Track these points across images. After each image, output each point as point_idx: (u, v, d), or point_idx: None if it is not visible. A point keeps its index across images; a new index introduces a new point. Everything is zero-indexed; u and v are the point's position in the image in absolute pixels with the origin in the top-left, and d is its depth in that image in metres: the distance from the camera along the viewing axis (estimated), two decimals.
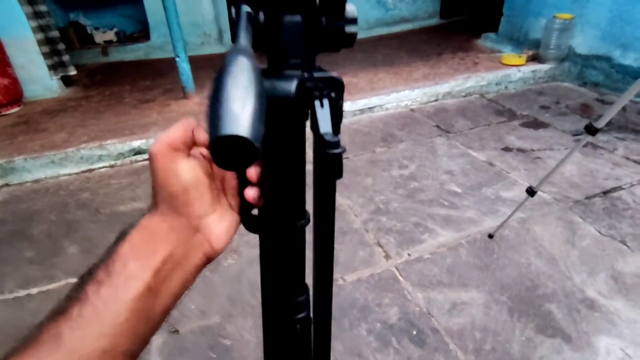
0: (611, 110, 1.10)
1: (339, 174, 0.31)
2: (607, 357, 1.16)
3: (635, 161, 2.10)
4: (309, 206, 0.39)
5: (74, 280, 1.53)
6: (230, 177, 0.35)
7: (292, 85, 0.31)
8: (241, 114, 0.18)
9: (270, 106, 0.28)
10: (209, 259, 0.33)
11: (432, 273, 1.49)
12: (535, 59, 3.26)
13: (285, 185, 0.36)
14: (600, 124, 1.11)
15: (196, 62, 3.33)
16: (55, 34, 3.07)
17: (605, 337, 1.21)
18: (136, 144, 2.36)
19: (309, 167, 0.35)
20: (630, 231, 1.62)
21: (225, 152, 0.18)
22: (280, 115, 0.32)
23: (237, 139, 0.18)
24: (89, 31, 4.16)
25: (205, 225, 0.32)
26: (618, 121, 2.48)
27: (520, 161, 2.17)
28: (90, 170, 2.32)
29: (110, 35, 4.15)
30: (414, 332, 1.27)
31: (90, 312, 0.27)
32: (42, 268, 1.61)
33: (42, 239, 1.79)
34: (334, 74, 0.34)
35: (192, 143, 0.32)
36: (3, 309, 1.43)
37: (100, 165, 2.34)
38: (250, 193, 0.34)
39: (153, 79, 3.44)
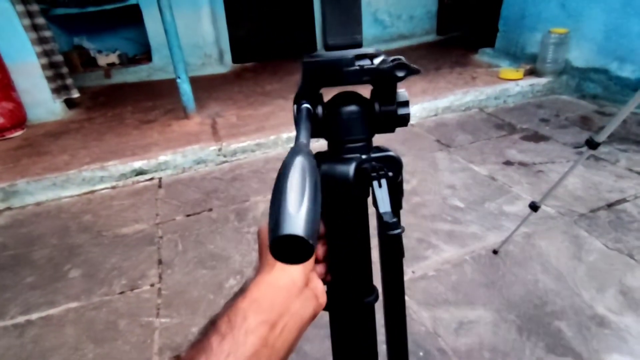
0: (611, 124, 1.10)
1: (400, 253, 0.35)
2: None
3: (638, 173, 2.09)
4: (377, 281, 0.40)
5: (75, 305, 1.52)
6: None
7: (350, 169, 0.34)
8: (296, 215, 0.21)
9: (331, 188, 0.33)
10: (315, 313, 0.35)
11: (438, 291, 1.46)
12: (532, 73, 3.29)
13: (350, 262, 0.38)
14: (601, 137, 1.11)
15: (197, 83, 3.37)
16: (58, 58, 3.13)
17: (617, 355, 1.18)
18: (137, 164, 2.37)
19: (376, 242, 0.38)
20: (637, 244, 1.59)
21: (284, 249, 0.21)
22: (342, 196, 0.35)
23: (293, 238, 0.20)
24: (92, 54, 4.24)
25: (312, 278, 0.35)
26: (619, 133, 2.48)
27: (522, 175, 2.16)
28: (92, 192, 2.33)
29: (113, 58, 4.22)
30: (421, 354, 1.24)
31: None
32: (43, 293, 1.60)
33: (43, 263, 1.78)
34: (392, 153, 0.36)
35: None
36: (3, 335, 1.41)
37: (102, 186, 2.35)
38: (317, 269, 0.37)
39: (155, 99, 3.49)
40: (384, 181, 0.34)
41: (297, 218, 0.21)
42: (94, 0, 3.76)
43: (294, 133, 0.34)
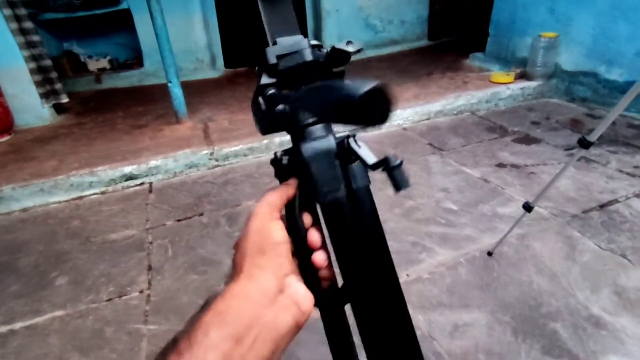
0: (603, 124, 1.10)
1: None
2: None
3: (628, 174, 2.10)
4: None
5: (60, 313, 1.48)
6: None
7: (331, 141, 0.37)
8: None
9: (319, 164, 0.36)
10: (298, 324, 0.31)
11: (432, 294, 1.44)
12: (523, 76, 3.32)
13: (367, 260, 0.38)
14: (593, 137, 1.11)
15: (189, 88, 3.35)
16: (47, 62, 3.09)
17: (613, 356, 1.17)
18: (128, 169, 2.33)
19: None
20: (630, 244, 1.60)
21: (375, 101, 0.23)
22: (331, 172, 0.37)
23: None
24: (82, 59, 4.19)
25: (290, 284, 0.32)
26: (609, 135, 2.51)
27: (515, 177, 2.17)
28: (80, 198, 2.28)
29: (104, 63, 4.18)
30: None
31: None
32: (28, 302, 1.55)
33: (29, 271, 1.73)
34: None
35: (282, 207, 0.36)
36: None
37: (91, 192, 2.30)
38: (319, 256, 0.35)
39: (146, 104, 3.45)
40: (361, 142, 0.37)
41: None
42: (83, 4, 3.73)
43: (286, 137, 0.36)
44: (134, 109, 3.37)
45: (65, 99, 3.22)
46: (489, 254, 1.59)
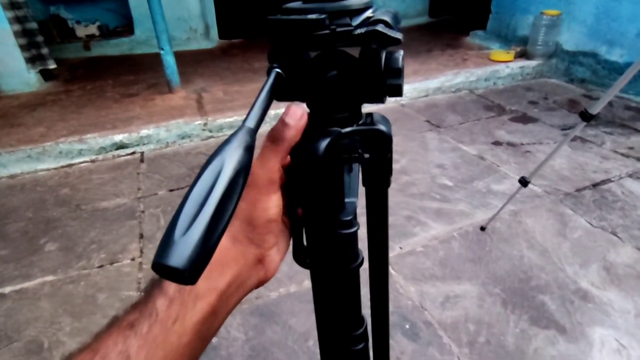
0: (606, 97, 1.08)
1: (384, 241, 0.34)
2: (601, 347, 1.14)
3: (623, 154, 2.11)
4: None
5: (51, 278, 1.46)
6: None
7: (321, 144, 0.30)
8: (178, 241, 0.18)
9: (301, 163, 0.30)
10: (260, 284, 0.34)
11: (425, 266, 1.46)
12: (523, 55, 3.28)
13: (332, 241, 0.35)
14: (595, 110, 1.09)
15: (182, 58, 3.25)
16: (33, 25, 2.95)
17: (599, 328, 1.20)
18: (118, 137, 2.28)
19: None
20: (621, 222, 1.61)
21: (164, 272, 0.18)
22: (313, 175, 0.31)
23: (170, 267, 0.18)
24: (70, 25, 4.02)
25: (269, 255, 0.33)
26: (605, 116, 2.50)
27: (511, 155, 2.16)
28: (70, 165, 2.23)
29: (93, 29, 4.02)
30: (407, 326, 1.23)
31: (159, 332, 0.26)
32: (17, 267, 1.53)
33: (17, 237, 1.70)
34: (380, 126, 0.31)
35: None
36: None
37: (81, 160, 2.25)
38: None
39: (137, 73, 3.35)
40: (356, 166, 0.31)
41: (179, 245, 0.18)
42: None
43: (281, 110, 0.30)
44: (125, 77, 3.27)
45: (52, 65, 3.10)
46: (482, 229, 1.60)
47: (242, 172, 0.21)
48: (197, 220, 0.19)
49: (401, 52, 0.29)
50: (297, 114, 0.29)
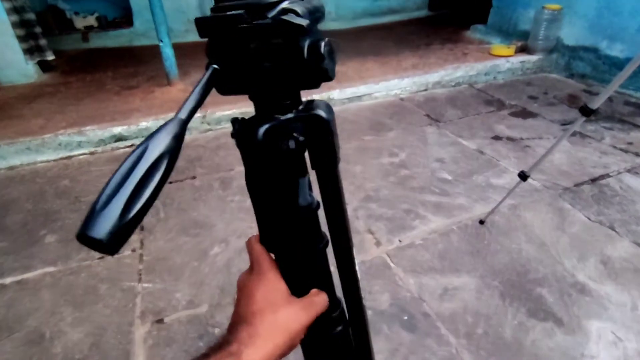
0: (606, 91, 1.08)
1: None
2: (598, 340, 1.15)
3: (622, 150, 2.12)
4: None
5: (51, 269, 1.47)
6: None
7: (259, 130, 0.32)
8: (99, 213, 0.21)
9: (245, 151, 0.33)
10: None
11: (424, 259, 1.46)
12: (523, 50, 3.27)
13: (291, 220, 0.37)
14: (595, 104, 1.09)
15: (180, 50, 3.22)
16: (30, 16, 2.93)
17: (596, 321, 1.21)
18: (117, 130, 2.27)
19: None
20: (619, 217, 1.62)
21: (89, 243, 0.20)
22: (253, 160, 0.34)
23: (91, 238, 0.20)
24: (68, 16, 3.99)
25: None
26: (605, 111, 2.51)
27: (510, 149, 2.17)
28: (69, 157, 2.23)
29: (91, 21, 3.99)
30: (405, 318, 1.24)
31: None
32: (17, 258, 1.53)
33: (17, 228, 1.70)
34: (318, 111, 0.33)
35: None
36: None
37: (80, 152, 2.25)
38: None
39: (136, 65, 3.33)
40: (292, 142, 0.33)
41: (99, 218, 0.20)
42: None
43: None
44: (124, 69, 3.25)
45: (50, 56, 3.08)
46: (481, 222, 1.61)
47: (166, 156, 0.23)
48: (117, 197, 0.21)
49: (325, 39, 0.31)
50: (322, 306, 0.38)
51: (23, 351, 1.17)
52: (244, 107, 2.51)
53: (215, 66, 0.30)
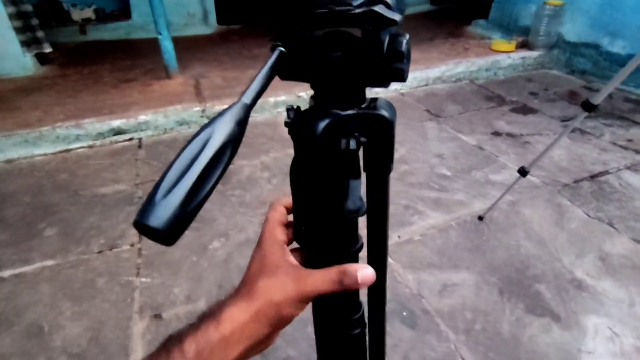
0: (608, 87, 1.08)
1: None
2: (595, 336, 1.16)
3: (621, 146, 2.12)
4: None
5: (50, 263, 1.46)
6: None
7: (320, 125, 0.30)
8: (159, 202, 0.20)
9: (300, 144, 0.31)
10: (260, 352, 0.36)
11: (423, 255, 1.47)
12: (524, 45, 3.25)
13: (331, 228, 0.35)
14: (597, 100, 1.09)
15: (180, 43, 3.20)
16: (28, 8, 2.89)
17: (593, 317, 1.22)
18: (116, 123, 2.26)
19: None
20: (617, 213, 1.63)
21: (144, 231, 0.20)
22: (310, 156, 0.31)
23: (149, 227, 0.19)
24: (65, 8, 3.94)
25: (277, 335, 0.36)
26: (605, 108, 2.50)
27: (510, 145, 2.16)
28: (67, 151, 2.21)
29: (89, 13, 3.95)
30: (405, 314, 1.25)
31: None
32: (16, 251, 1.53)
33: (16, 221, 1.70)
34: (382, 112, 0.31)
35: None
36: None
37: (78, 145, 2.24)
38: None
39: (134, 59, 3.30)
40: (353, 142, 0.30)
41: (159, 207, 0.20)
42: None
43: (282, 97, 0.31)
44: (122, 62, 3.22)
45: (48, 49, 3.05)
46: (480, 218, 1.61)
47: (230, 144, 0.22)
48: (179, 185, 0.20)
49: (407, 36, 0.29)
50: (369, 281, 0.34)
51: (22, 344, 1.18)
52: None
53: (282, 49, 0.28)
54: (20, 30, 2.83)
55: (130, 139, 2.32)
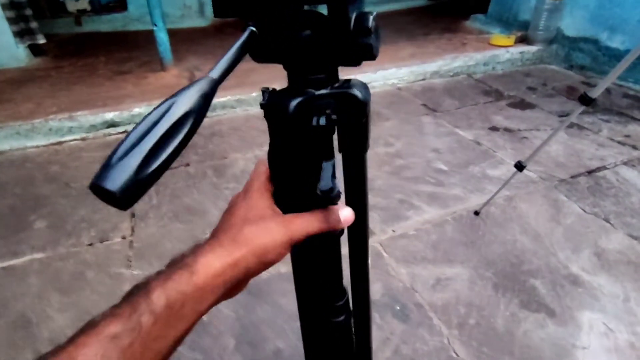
0: (606, 80, 1.06)
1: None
2: (590, 331, 1.15)
3: (619, 142, 2.10)
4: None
5: (40, 255, 1.44)
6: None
7: (291, 103, 0.30)
8: (115, 165, 0.20)
9: (273, 123, 0.32)
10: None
11: (417, 249, 1.45)
12: (523, 40, 3.23)
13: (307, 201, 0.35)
14: (595, 93, 1.07)
15: (175, 35, 3.17)
16: None
17: (588, 312, 1.20)
18: (109, 115, 2.23)
19: None
20: (614, 209, 1.62)
21: (101, 194, 0.20)
22: (283, 134, 0.32)
23: (104, 189, 0.19)
24: None
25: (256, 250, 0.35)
26: (603, 103, 2.49)
27: (507, 140, 2.15)
28: (59, 143, 2.19)
29: (84, 4, 3.90)
30: (398, 308, 1.23)
31: (138, 348, 0.26)
32: (6, 243, 1.51)
33: (5, 213, 1.67)
34: (354, 90, 0.31)
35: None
36: None
37: (71, 137, 2.21)
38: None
39: (130, 51, 3.27)
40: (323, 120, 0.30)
41: (115, 169, 0.20)
42: None
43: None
44: (117, 54, 3.19)
45: (42, 40, 3.01)
46: (476, 213, 1.60)
47: (193, 114, 0.22)
48: (135, 150, 0.20)
49: (373, 13, 0.29)
50: (350, 220, 0.35)
51: (9, 335, 1.16)
52: (238, 95, 2.47)
53: (253, 28, 0.28)
54: (13, 21, 2.79)
55: (124, 132, 2.29)
